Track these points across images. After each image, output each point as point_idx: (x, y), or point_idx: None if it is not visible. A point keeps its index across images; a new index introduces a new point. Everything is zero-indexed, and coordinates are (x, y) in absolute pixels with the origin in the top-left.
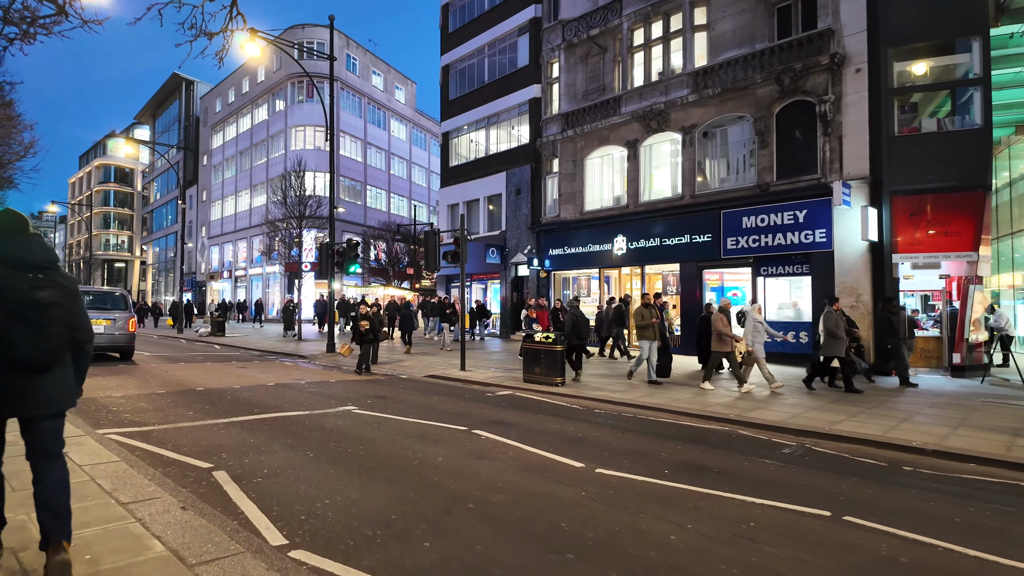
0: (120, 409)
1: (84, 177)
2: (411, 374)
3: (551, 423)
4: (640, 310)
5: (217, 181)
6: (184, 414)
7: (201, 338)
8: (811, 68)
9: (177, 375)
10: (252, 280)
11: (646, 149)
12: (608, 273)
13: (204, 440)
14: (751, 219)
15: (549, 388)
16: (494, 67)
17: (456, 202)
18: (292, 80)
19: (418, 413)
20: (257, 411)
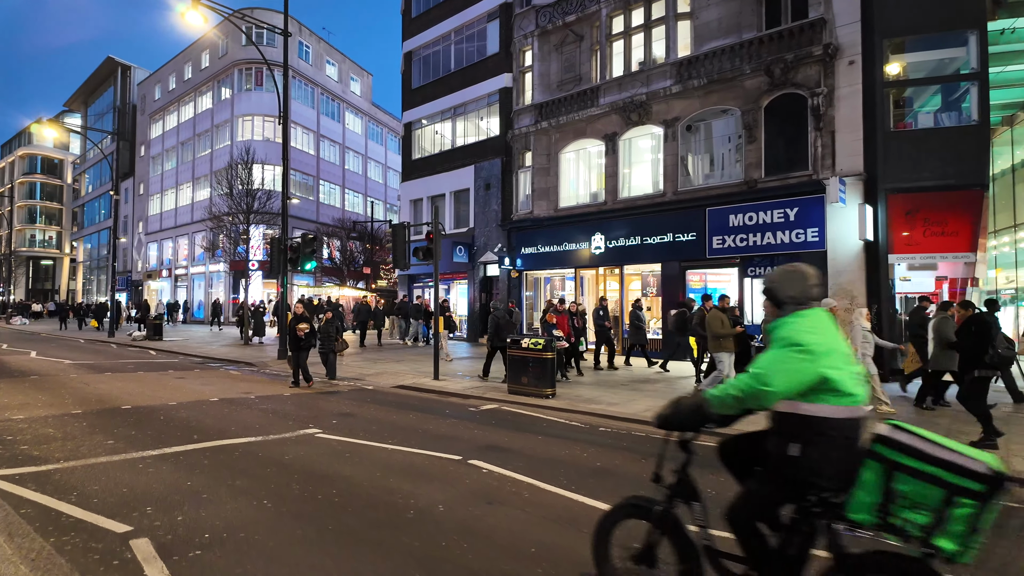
0: (17, 438)
1: (6, 167)
2: (378, 384)
3: (558, 447)
4: (717, 315)
5: (156, 173)
6: (102, 444)
7: (135, 343)
8: (803, 59)
9: (100, 389)
10: (194, 279)
11: (625, 143)
12: (584, 273)
13: (124, 484)
14: (738, 217)
15: (539, 401)
16: (461, 55)
17: (419, 197)
18: (239, 67)
19: (397, 436)
20: (197, 438)
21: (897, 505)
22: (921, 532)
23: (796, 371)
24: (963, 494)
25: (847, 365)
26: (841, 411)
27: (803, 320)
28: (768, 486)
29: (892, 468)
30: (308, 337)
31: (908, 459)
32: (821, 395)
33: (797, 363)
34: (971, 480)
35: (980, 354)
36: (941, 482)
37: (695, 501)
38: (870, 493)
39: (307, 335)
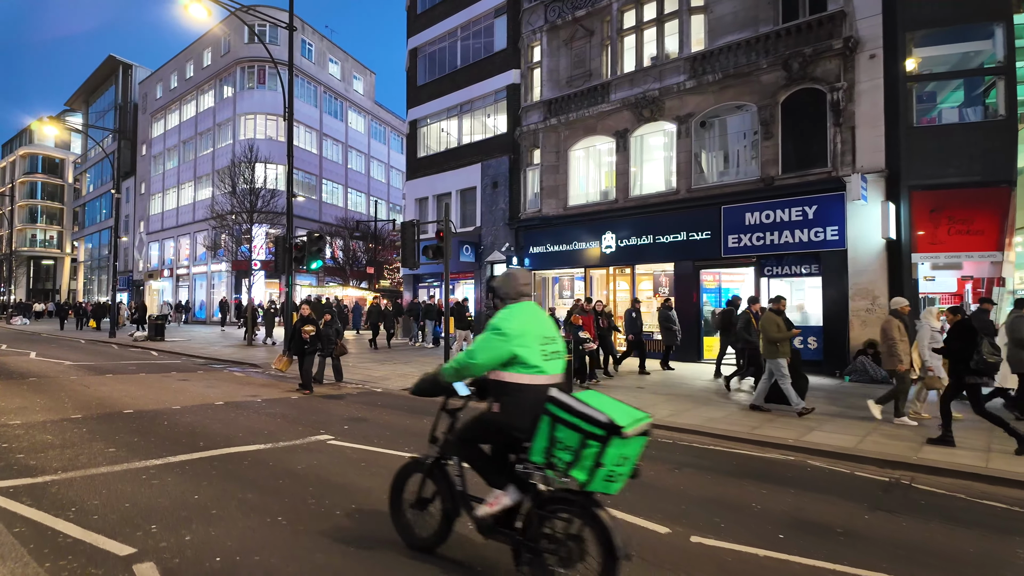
0: (12, 445)
1: (7, 167)
2: (387, 387)
3: None
4: (773, 317)
5: (157, 173)
6: (103, 452)
7: (136, 343)
8: (822, 53)
9: (101, 392)
10: (195, 279)
11: (637, 140)
12: (594, 273)
13: (127, 498)
14: (755, 215)
15: None
16: (467, 51)
17: (425, 196)
18: (241, 64)
19: (413, 444)
20: (203, 445)
21: (556, 448)
22: (564, 466)
23: (494, 349)
24: (591, 437)
25: (537, 345)
26: (528, 379)
27: (508, 311)
28: (481, 427)
29: (555, 420)
30: (314, 340)
31: (563, 413)
32: (514, 367)
33: (496, 343)
34: (596, 427)
35: (966, 358)
36: (579, 429)
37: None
38: (542, 440)
39: (312, 338)
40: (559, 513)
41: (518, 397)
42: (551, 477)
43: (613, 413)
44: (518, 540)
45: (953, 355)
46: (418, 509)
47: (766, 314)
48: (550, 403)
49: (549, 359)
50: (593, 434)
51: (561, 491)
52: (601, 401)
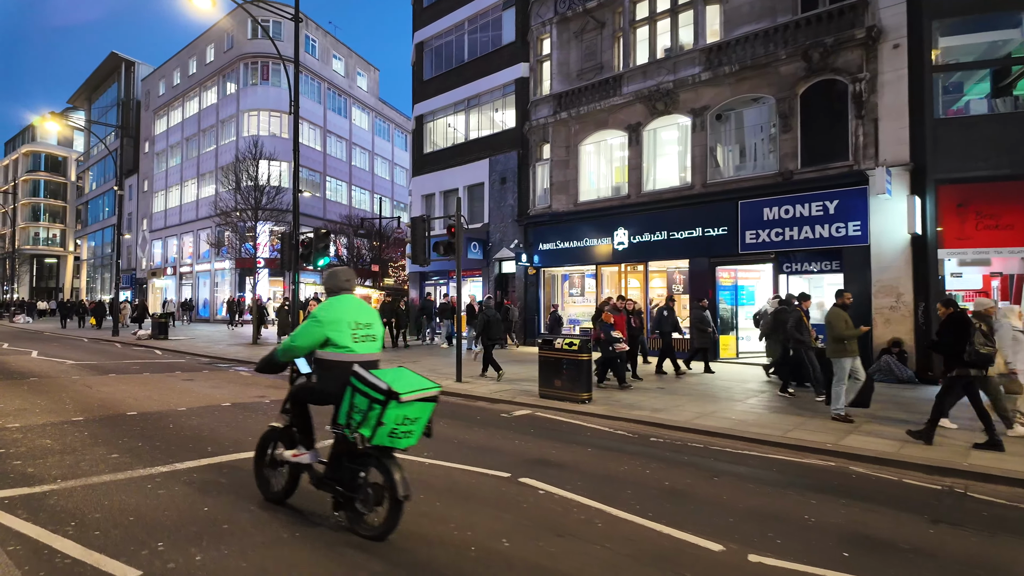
0: (10, 451)
1: (10, 165)
2: None
3: (613, 462)
4: (840, 314)
5: (160, 170)
6: (105, 458)
7: (140, 342)
8: (843, 43)
9: (103, 392)
10: (199, 277)
11: (650, 133)
12: (606, 270)
13: (131, 511)
14: (773, 210)
15: (575, 406)
16: (475, 44)
17: (431, 192)
18: (245, 60)
19: (430, 447)
20: (212, 450)
21: (353, 412)
22: (356, 425)
23: (311, 334)
24: (374, 401)
25: (349, 330)
26: (338, 356)
27: (328, 303)
28: (305, 395)
29: (355, 390)
30: None
31: (359, 383)
32: (328, 347)
33: (313, 329)
34: (377, 393)
35: (960, 352)
36: (367, 395)
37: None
38: (345, 405)
39: None
40: (363, 465)
41: (330, 371)
42: (347, 435)
43: (396, 384)
44: (337, 490)
45: (946, 349)
46: (272, 468)
47: (832, 310)
48: (353, 376)
49: (359, 341)
50: (375, 399)
51: (366, 448)
52: (396, 374)
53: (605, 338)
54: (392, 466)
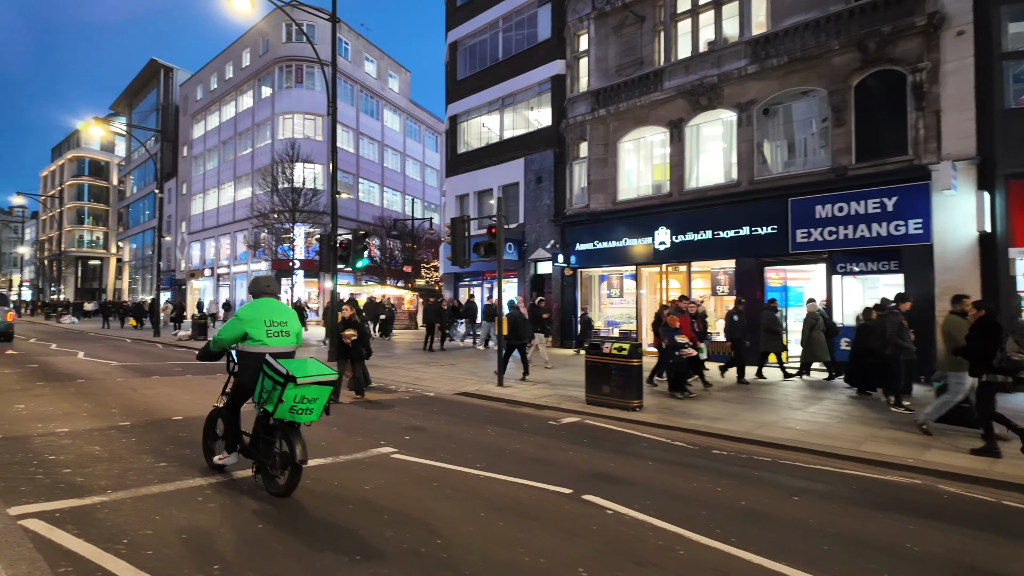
0: (59, 458)
1: (56, 171)
2: (438, 391)
3: (679, 478)
4: (957, 321)
5: (198, 173)
6: (153, 467)
7: (180, 343)
8: (902, 31)
9: (147, 395)
10: (236, 278)
11: (692, 129)
12: (647, 270)
13: (183, 527)
14: (826, 208)
15: (625, 414)
16: (509, 43)
17: (465, 192)
18: (280, 64)
19: (483, 459)
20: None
21: (263, 392)
22: (263, 402)
23: (233, 329)
24: (276, 383)
25: (264, 327)
26: (254, 349)
27: (249, 304)
28: (235, 387)
29: (265, 375)
30: (356, 345)
31: (268, 370)
32: (246, 341)
33: (234, 325)
34: (279, 376)
35: (988, 358)
36: (272, 379)
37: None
38: (259, 388)
39: (355, 343)
40: (274, 438)
41: (247, 360)
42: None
43: (297, 371)
44: (256, 457)
45: (973, 354)
46: (213, 441)
47: (949, 318)
48: (264, 364)
49: (272, 336)
50: (277, 381)
51: (277, 422)
52: (300, 364)
53: (670, 344)
54: (295, 438)
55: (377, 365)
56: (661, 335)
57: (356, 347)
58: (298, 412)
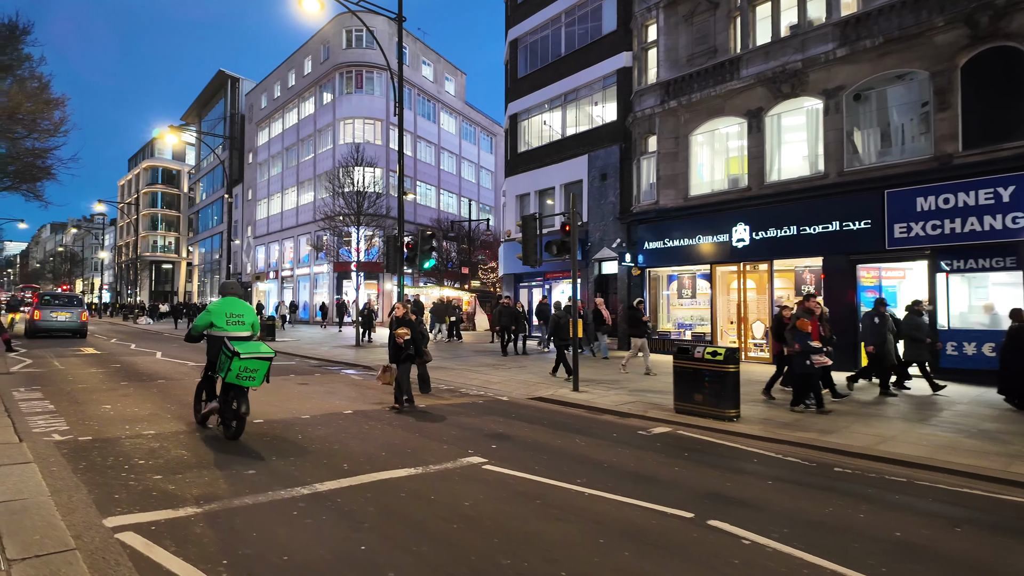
0: (148, 464)
1: (133, 179)
2: (511, 396)
3: (810, 500)
4: None
5: (263, 179)
6: (241, 475)
7: None
8: (1019, 3)
9: None
10: (299, 280)
11: (772, 119)
12: (723, 269)
13: (281, 546)
14: (928, 200)
15: (721, 424)
16: (572, 37)
17: (526, 192)
18: (341, 70)
19: (580, 472)
20: (348, 468)
21: (220, 364)
22: (220, 371)
23: (204, 319)
24: (228, 357)
25: (225, 317)
26: (218, 334)
27: (217, 301)
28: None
29: (222, 352)
30: (408, 345)
31: (225, 348)
32: (213, 328)
33: (205, 316)
34: (229, 352)
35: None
36: (225, 354)
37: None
38: (219, 360)
39: (407, 342)
40: (230, 398)
41: (213, 342)
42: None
43: (242, 349)
44: (220, 413)
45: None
46: (202, 404)
47: None
48: (223, 344)
49: (231, 325)
50: (228, 355)
51: (229, 386)
52: (249, 345)
53: (802, 350)
54: (241, 398)
55: (445, 367)
56: (788, 340)
57: (408, 346)
58: (243, 379)
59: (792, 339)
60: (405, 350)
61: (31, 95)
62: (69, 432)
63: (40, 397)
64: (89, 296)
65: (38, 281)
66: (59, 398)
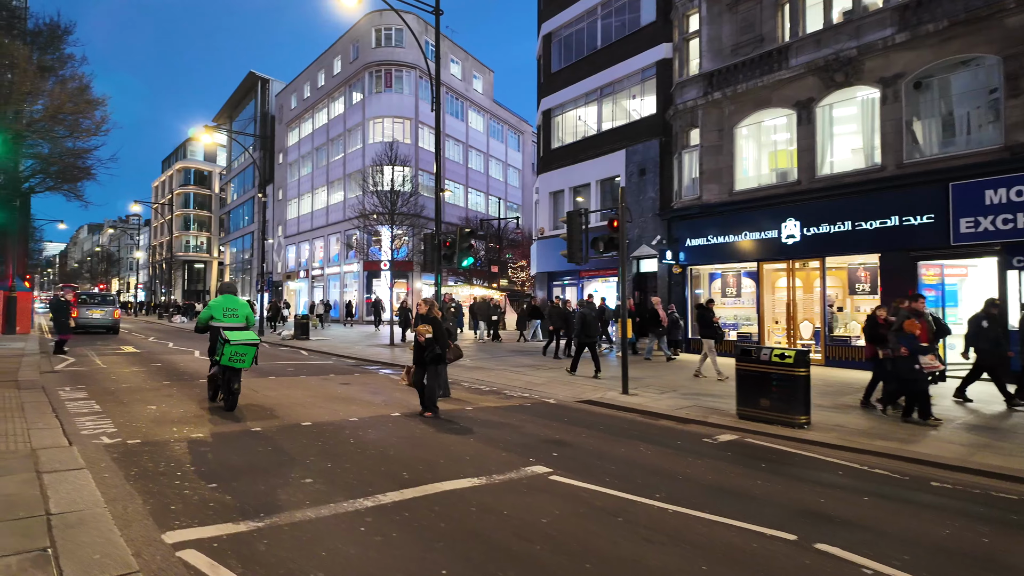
0: (201, 470)
1: (166, 180)
2: (557, 398)
3: (918, 520)
4: None
5: (293, 179)
6: (298, 483)
7: (284, 342)
8: None
9: (270, 397)
10: (329, 280)
11: (824, 110)
12: (771, 267)
13: (356, 567)
14: (999, 192)
15: (791, 432)
16: (609, 30)
17: (560, 188)
18: (370, 69)
19: (656, 485)
20: (408, 477)
21: (217, 349)
22: (217, 355)
23: (205, 313)
24: (221, 343)
25: (221, 311)
26: (216, 325)
27: (217, 298)
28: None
29: (218, 339)
30: (430, 344)
31: (220, 337)
32: (212, 320)
33: (206, 311)
34: (222, 339)
35: None
36: (220, 341)
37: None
38: (216, 347)
39: (428, 340)
40: (227, 377)
41: (213, 332)
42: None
43: (233, 337)
44: (218, 388)
45: None
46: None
47: None
48: (220, 333)
49: (227, 318)
50: (222, 342)
51: (225, 367)
52: (240, 333)
53: (910, 353)
54: (234, 377)
55: (485, 368)
56: (893, 343)
57: (430, 345)
58: (235, 361)
59: (898, 342)
60: (429, 350)
61: (72, 95)
62: (117, 434)
63: (85, 397)
64: (125, 295)
65: (76, 280)
66: (104, 398)
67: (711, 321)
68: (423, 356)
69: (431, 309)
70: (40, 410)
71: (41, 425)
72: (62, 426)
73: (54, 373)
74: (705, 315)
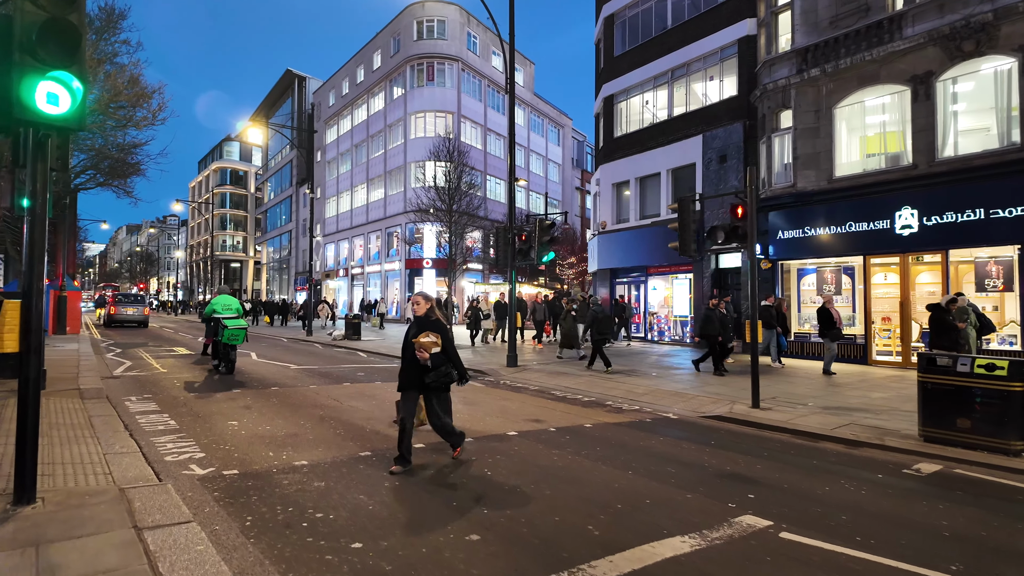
0: (330, 518)
1: (203, 180)
2: (674, 411)
3: None
4: None
5: (331, 177)
6: (468, 544)
7: (336, 343)
8: None
9: (355, 408)
10: (369, 278)
11: (944, 84)
12: (879, 260)
13: None
14: None
15: (1004, 461)
16: (681, 7)
17: (624, 179)
18: (411, 63)
19: (920, 547)
20: (597, 532)
21: (218, 332)
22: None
23: (209, 308)
24: (220, 327)
25: (222, 307)
26: (217, 316)
27: (216, 298)
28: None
29: (219, 326)
30: (440, 364)
31: (220, 324)
32: (215, 313)
33: (209, 307)
34: (220, 325)
35: None
36: (220, 326)
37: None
38: (219, 332)
39: (437, 359)
40: (226, 351)
41: (214, 321)
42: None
43: (228, 323)
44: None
45: None
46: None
47: None
48: (220, 322)
49: (225, 311)
50: (222, 327)
51: (223, 344)
52: (233, 320)
53: None
54: (231, 351)
55: (565, 373)
56: None
57: (439, 364)
58: (231, 339)
59: None
60: (436, 371)
61: (129, 83)
62: (208, 462)
63: (156, 409)
64: (165, 293)
65: (116, 280)
66: (177, 410)
67: (833, 321)
68: (424, 379)
69: (432, 310)
70: (112, 427)
71: (118, 448)
72: (141, 450)
73: (115, 379)
74: (827, 315)
